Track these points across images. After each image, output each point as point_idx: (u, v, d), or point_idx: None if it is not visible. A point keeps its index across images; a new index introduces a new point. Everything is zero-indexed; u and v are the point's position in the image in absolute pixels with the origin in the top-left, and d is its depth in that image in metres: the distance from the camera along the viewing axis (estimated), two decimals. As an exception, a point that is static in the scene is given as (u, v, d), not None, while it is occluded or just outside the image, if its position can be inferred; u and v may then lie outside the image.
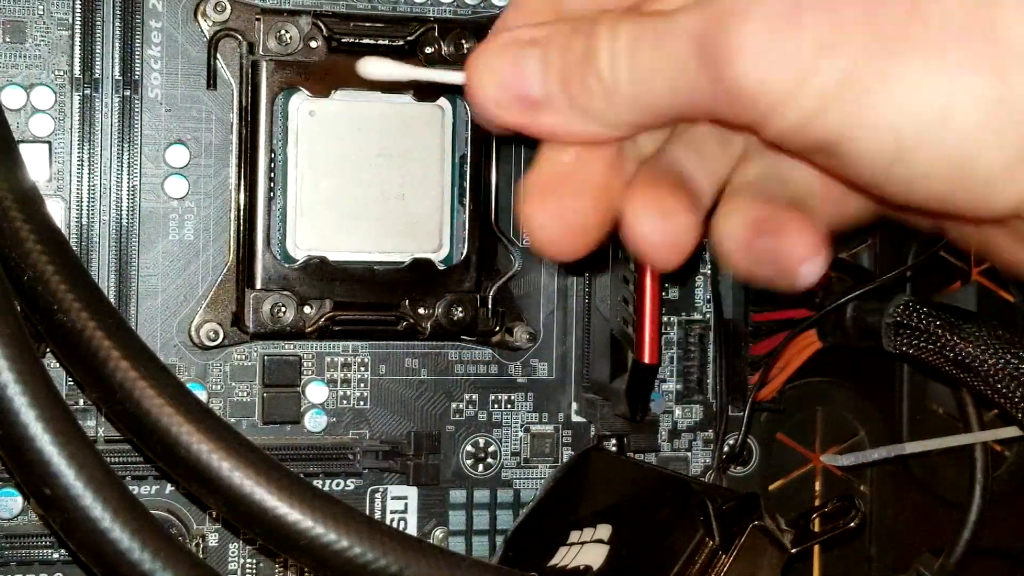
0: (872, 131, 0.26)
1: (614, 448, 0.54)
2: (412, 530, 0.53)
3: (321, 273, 0.50)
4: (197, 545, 0.50)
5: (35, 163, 0.48)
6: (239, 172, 0.50)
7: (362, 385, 0.52)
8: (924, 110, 0.25)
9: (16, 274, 0.37)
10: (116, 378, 0.37)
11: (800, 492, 0.58)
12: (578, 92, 0.28)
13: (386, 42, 0.49)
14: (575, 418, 0.55)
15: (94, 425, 0.49)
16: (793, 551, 0.46)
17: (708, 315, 0.56)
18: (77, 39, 0.48)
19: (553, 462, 0.54)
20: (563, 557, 0.47)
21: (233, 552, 0.51)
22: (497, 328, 0.53)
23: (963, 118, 0.25)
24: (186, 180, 0.49)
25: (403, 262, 0.51)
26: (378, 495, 0.53)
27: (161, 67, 0.49)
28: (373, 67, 0.47)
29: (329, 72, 0.49)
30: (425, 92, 0.49)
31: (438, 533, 0.53)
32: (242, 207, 0.50)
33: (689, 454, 0.56)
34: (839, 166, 0.27)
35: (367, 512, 0.52)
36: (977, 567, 0.58)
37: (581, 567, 0.46)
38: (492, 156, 0.52)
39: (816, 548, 0.57)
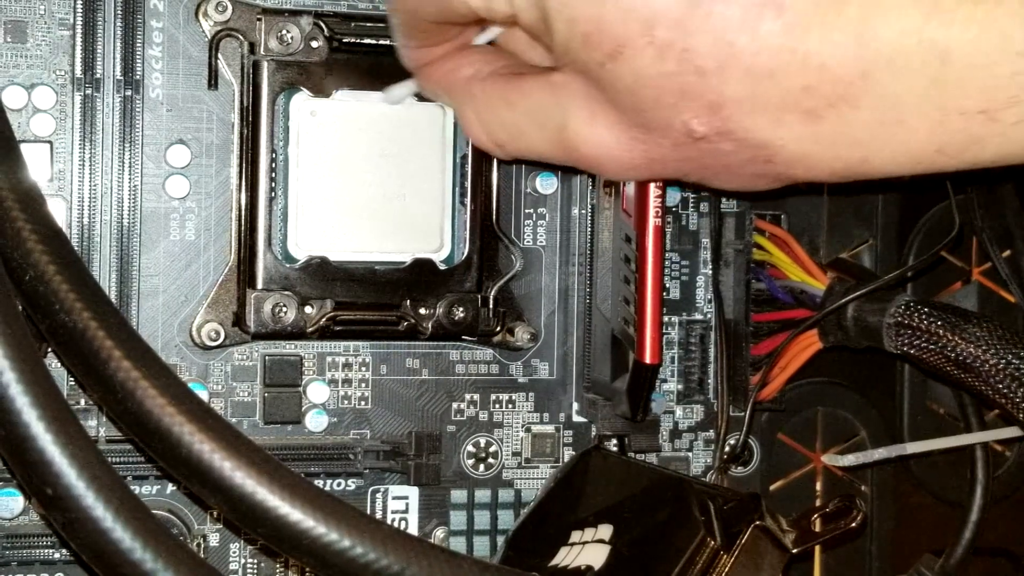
0: None
1: (615, 448, 0.54)
2: (413, 530, 0.53)
3: (322, 273, 0.50)
4: (198, 545, 0.50)
5: (36, 163, 0.48)
6: (240, 172, 0.50)
7: (363, 385, 0.52)
8: None
9: (18, 274, 0.37)
10: (117, 378, 0.37)
11: (801, 492, 0.58)
12: None
13: (387, 42, 0.49)
14: (576, 418, 0.55)
15: (95, 425, 0.49)
16: (794, 551, 0.46)
17: (709, 315, 0.56)
18: (78, 39, 0.48)
19: (554, 462, 0.54)
20: (564, 557, 0.47)
21: (234, 552, 0.51)
22: (498, 328, 0.53)
23: None
24: (187, 180, 0.49)
25: (404, 262, 0.51)
26: (379, 495, 0.53)
27: (162, 67, 0.49)
28: (398, 92, 0.49)
29: (330, 72, 0.49)
30: (426, 92, 0.49)
31: (439, 533, 0.53)
32: (243, 207, 0.50)
33: (690, 454, 0.56)
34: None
35: (368, 512, 0.52)
36: (978, 567, 0.58)
37: (582, 567, 0.46)
38: (493, 156, 0.52)
39: (817, 548, 0.58)
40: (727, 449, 0.55)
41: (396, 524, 0.52)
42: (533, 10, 0.37)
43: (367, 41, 0.49)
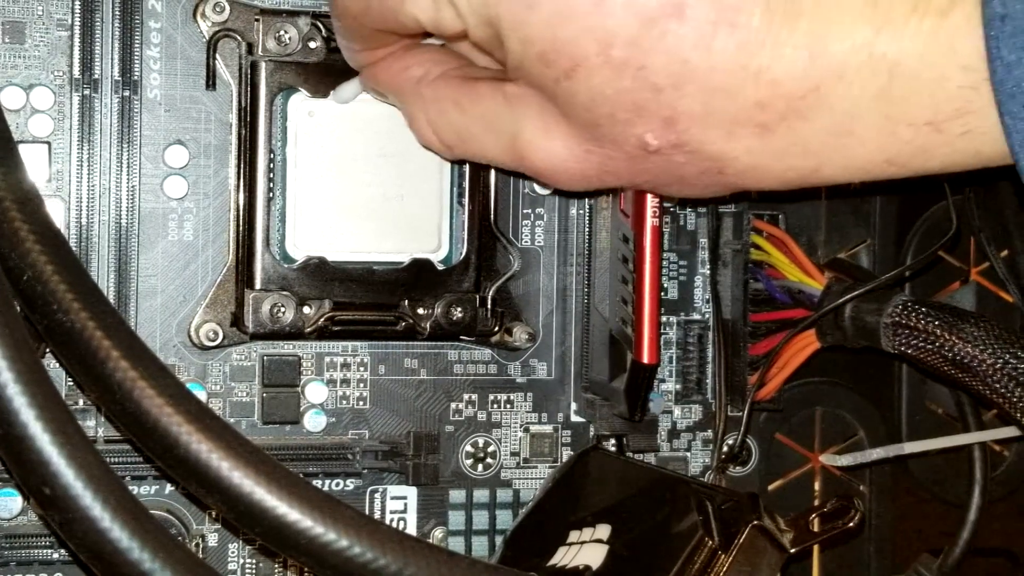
0: None
1: (613, 448, 0.54)
2: (411, 530, 0.53)
3: (320, 273, 0.50)
4: (197, 545, 0.50)
5: (34, 163, 0.48)
6: (238, 172, 0.50)
7: (361, 385, 0.52)
8: None
9: (16, 274, 0.37)
10: (115, 378, 0.37)
11: (799, 492, 0.58)
12: None
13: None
14: (574, 418, 0.55)
15: (94, 425, 0.49)
16: (792, 551, 0.46)
17: (707, 315, 0.56)
18: (76, 40, 0.48)
19: (552, 462, 0.54)
20: (562, 557, 0.47)
21: (233, 552, 0.51)
22: (496, 328, 0.53)
23: None
24: (185, 180, 0.49)
25: (402, 262, 0.51)
26: (377, 495, 0.53)
27: (160, 67, 0.49)
28: (345, 91, 0.48)
29: (328, 72, 0.49)
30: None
31: (437, 533, 0.53)
32: (241, 207, 0.50)
33: (688, 454, 0.56)
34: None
35: (366, 512, 0.52)
36: (977, 567, 0.58)
37: (580, 567, 0.46)
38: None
39: (815, 548, 0.58)
40: (725, 449, 0.55)
41: (394, 524, 0.52)
42: (485, 28, 0.38)
43: (365, 41, 0.49)
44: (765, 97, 0.34)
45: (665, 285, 0.55)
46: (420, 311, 0.51)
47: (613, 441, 0.54)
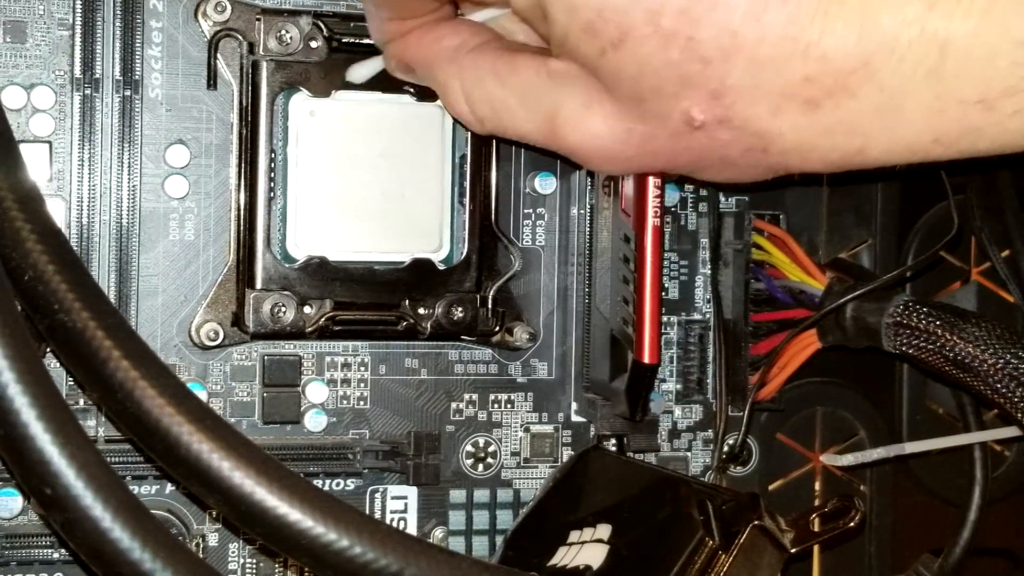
0: None
1: (614, 448, 0.54)
2: (412, 530, 0.53)
3: (321, 273, 0.50)
4: (197, 545, 0.50)
5: (36, 163, 0.48)
6: (239, 172, 0.50)
7: (362, 385, 0.52)
8: None
9: (17, 274, 0.37)
10: (116, 378, 0.37)
11: (800, 492, 0.58)
12: None
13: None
14: (575, 418, 0.55)
15: (94, 425, 0.49)
16: (793, 551, 0.46)
17: (708, 315, 0.56)
18: (78, 39, 0.48)
19: (553, 462, 0.54)
20: (563, 557, 0.47)
21: (233, 552, 0.51)
22: (497, 328, 0.53)
23: None
24: (186, 180, 0.49)
25: (403, 262, 0.51)
26: (378, 495, 0.53)
27: (161, 67, 0.49)
28: (360, 70, 0.48)
29: (329, 72, 0.49)
30: (426, 92, 0.49)
31: (438, 533, 0.53)
32: (242, 207, 0.50)
33: (689, 454, 0.56)
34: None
35: (367, 512, 0.52)
36: (977, 567, 0.58)
37: (581, 567, 0.46)
38: (492, 156, 0.52)
39: (816, 548, 0.58)
40: (726, 449, 0.55)
41: (395, 524, 0.52)
42: None
43: (366, 41, 0.49)
44: (813, 72, 0.34)
45: (666, 285, 0.55)
46: (421, 311, 0.51)
47: (614, 441, 0.54)
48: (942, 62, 0.33)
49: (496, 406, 0.54)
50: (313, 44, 0.49)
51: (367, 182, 0.50)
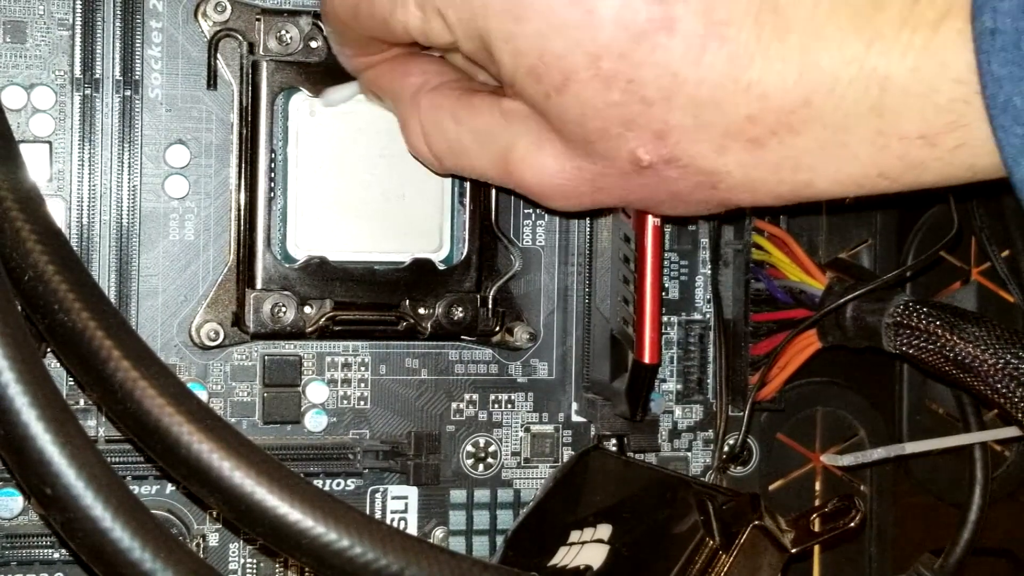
0: None
1: (614, 448, 0.54)
2: (412, 530, 0.53)
3: (321, 273, 0.50)
4: (197, 545, 0.50)
5: (36, 163, 0.48)
6: (239, 172, 0.50)
7: (362, 385, 0.52)
8: None
9: (17, 274, 0.37)
10: (117, 378, 0.37)
11: (800, 492, 0.58)
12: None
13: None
14: (575, 418, 0.55)
15: (95, 425, 0.49)
16: (793, 551, 0.46)
17: (708, 315, 0.56)
18: (78, 39, 0.48)
19: (553, 462, 0.54)
20: (563, 557, 0.47)
21: (233, 552, 0.51)
22: (497, 328, 0.53)
23: None
24: (186, 180, 0.49)
25: (403, 262, 0.51)
26: (378, 495, 0.53)
27: (161, 67, 0.49)
28: (336, 95, 0.48)
29: (329, 72, 0.49)
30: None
31: (438, 533, 0.53)
32: (242, 207, 0.50)
33: (689, 454, 0.56)
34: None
35: (367, 512, 0.52)
36: (977, 567, 0.58)
37: (581, 567, 0.46)
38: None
39: (816, 548, 0.58)
40: (726, 449, 0.55)
41: (395, 524, 0.52)
42: (474, 41, 0.38)
43: (366, 41, 0.49)
44: (755, 111, 0.34)
45: (666, 285, 0.55)
46: (421, 311, 0.51)
47: (614, 441, 0.54)
48: (882, 99, 0.33)
49: (496, 406, 0.54)
50: (313, 44, 0.49)
51: (367, 182, 0.50)
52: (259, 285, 0.49)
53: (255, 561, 0.51)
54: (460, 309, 0.51)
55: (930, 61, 0.32)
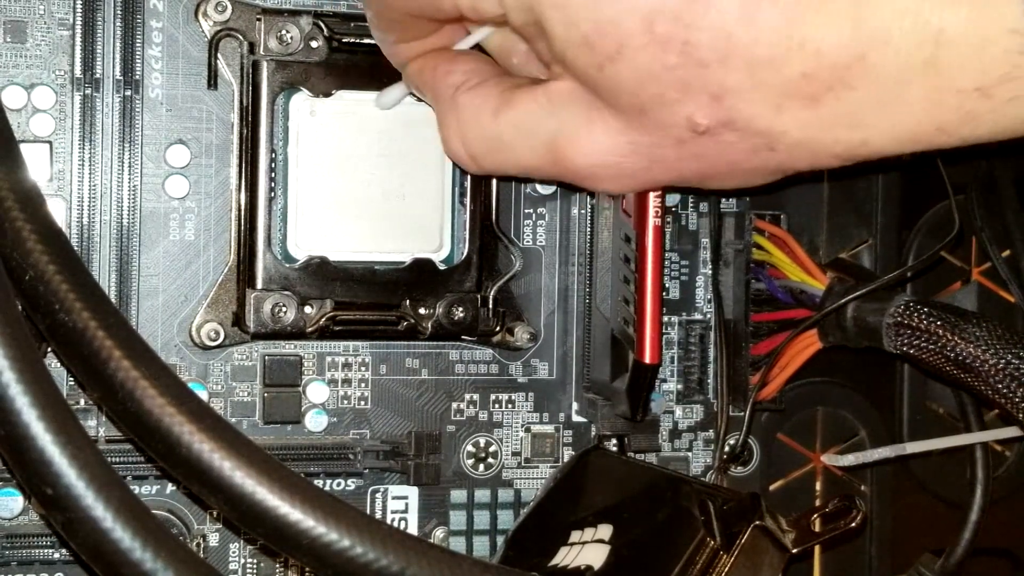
0: None
1: (615, 448, 0.54)
2: (413, 530, 0.53)
3: (322, 273, 0.50)
4: (198, 545, 0.50)
5: (36, 163, 0.48)
6: (240, 172, 0.50)
7: (363, 385, 0.52)
8: None
9: (17, 274, 0.37)
10: (117, 378, 0.37)
11: (800, 492, 0.58)
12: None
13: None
14: (576, 418, 0.55)
15: (95, 425, 0.49)
16: (794, 551, 0.46)
17: (709, 315, 0.56)
18: (78, 39, 0.48)
19: (554, 462, 0.54)
20: (564, 557, 0.47)
21: (234, 552, 0.51)
22: (498, 328, 0.53)
23: None
24: (187, 180, 0.49)
25: (404, 262, 0.51)
26: (379, 495, 0.53)
27: (162, 67, 0.49)
28: (387, 98, 0.48)
29: (330, 72, 0.49)
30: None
31: (439, 533, 0.53)
32: (243, 207, 0.50)
33: (690, 454, 0.56)
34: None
35: (368, 512, 0.52)
36: (977, 567, 0.58)
37: (582, 567, 0.46)
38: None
39: (817, 548, 0.58)
40: (727, 449, 0.55)
41: (396, 524, 0.52)
42: (525, 12, 0.37)
43: (367, 41, 0.49)
44: (811, 68, 0.34)
45: (667, 285, 0.55)
46: (421, 311, 0.51)
47: (614, 441, 0.54)
48: (937, 52, 0.33)
49: (497, 406, 0.54)
50: (313, 44, 0.49)
51: (367, 182, 0.50)
52: (259, 285, 0.49)
53: (255, 561, 0.51)
54: (460, 309, 0.51)
55: (984, 12, 0.32)
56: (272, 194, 0.49)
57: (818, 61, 0.34)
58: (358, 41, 0.49)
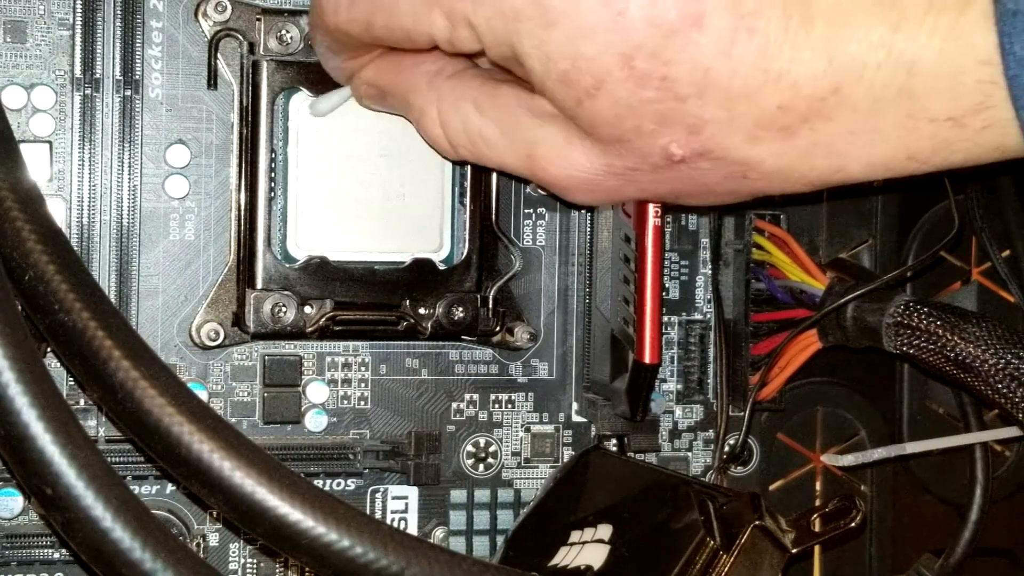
0: None
1: (614, 448, 0.54)
2: (412, 530, 0.53)
3: (322, 273, 0.50)
4: (198, 545, 0.50)
5: (36, 163, 0.48)
6: (240, 172, 0.50)
7: (363, 385, 0.52)
8: None
9: (17, 274, 0.37)
10: (117, 378, 0.37)
11: (800, 492, 0.58)
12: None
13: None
14: (575, 418, 0.55)
15: (95, 425, 0.49)
16: (794, 551, 0.46)
17: (708, 315, 0.56)
18: (78, 39, 0.48)
19: (554, 462, 0.54)
20: (564, 557, 0.47)
21: (234, 552, 0.51)
22: (498, 328, 0.53)
23: None
24: (187, 180, 0.49)
25: (404, 262, 0.51)
26: (379, 495, 0.53)
27: (162, 67, 0.49)
28: (324, 104, 0.48)
29: (330, 72, 0.49)
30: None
31: (439, 533, 0.53)
32: (243, 207, 0.50)
33: (689, 454, 0.56)
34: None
35: (368, 512, 0.52)
36: (978, 567, 0.58)
37: (582, 567, 0.46)
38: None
39: (816, 548, 0.58)
40: (727, 449, 0.55)
41: (396, 524, 0.52)
42: (504, 48, 0.37)
43: (367, 41, 0.49)
44: (786, 100, 0.35)
45: (667, 285, 0.55)
46: (421, 311, 0.51)
47: (614, 441, 0.54)
48: (910, 82, 0.34)
49: (497, 406, 0.54)
50: (313, 44, 0.49)
51: (367, 182, 0.50)
52: (259, 285, 0.49)
53: (255, 561, 0.51)
54: (460, 309, 0.51)
55: (956, 43, 0.33)
56: (272, 194, 0.49)
57: (794, 93, 0.35)
58: (358, 41, 0.49)
